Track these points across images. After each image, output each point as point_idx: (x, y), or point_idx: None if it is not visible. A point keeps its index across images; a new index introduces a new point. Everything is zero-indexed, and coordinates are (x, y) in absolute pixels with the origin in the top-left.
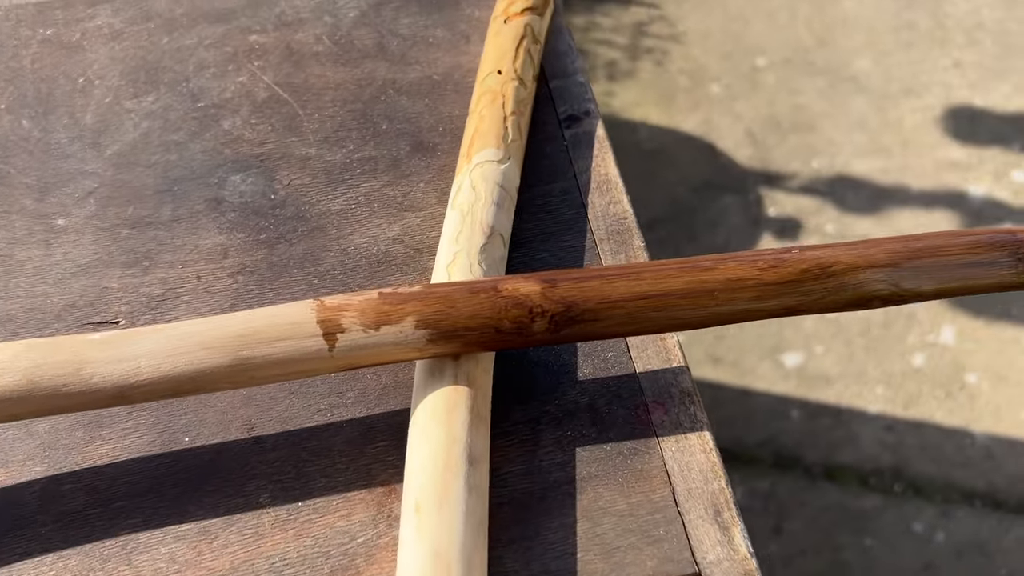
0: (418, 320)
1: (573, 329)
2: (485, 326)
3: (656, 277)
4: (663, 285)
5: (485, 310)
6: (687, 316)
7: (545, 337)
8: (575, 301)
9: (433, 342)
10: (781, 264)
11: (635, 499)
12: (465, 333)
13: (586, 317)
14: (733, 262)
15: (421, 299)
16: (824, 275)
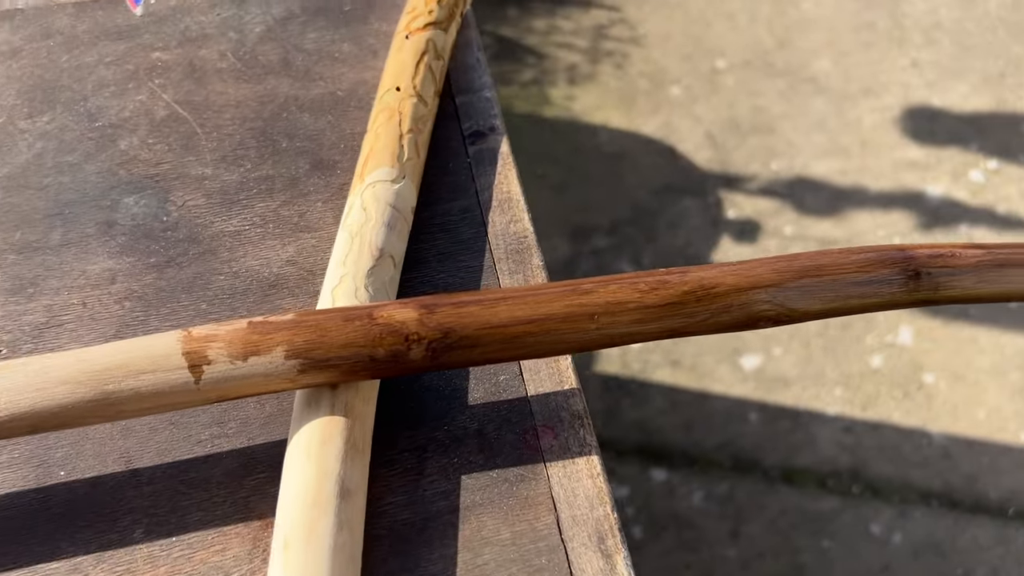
0: (288, 350)
1: (452, 356)
2: (359, 355)
3: (536, 301)
4: (543, 309)
5: (359, 338)
6: (568, 340)
7: (423, 365)
8: (453, 327)
9: (304, 372)
10: (663, 286)
11: (519, 527)
12: (338, 362)
13: (465, 343)
14: (615, 285)
15: (291, 328)
16: (707, 296)
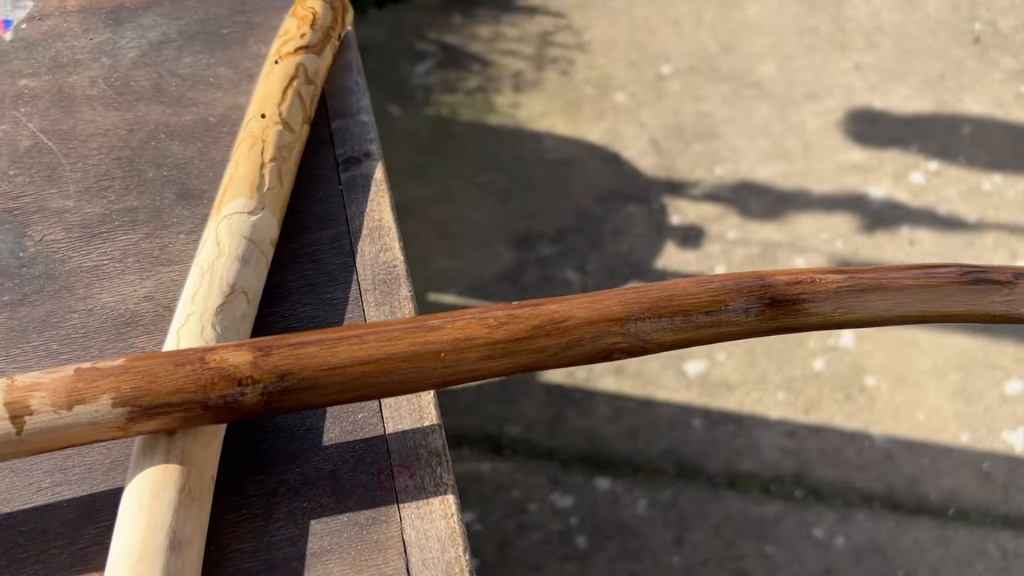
0: (115, 398)
1: (290, 400)
2: (190, 401)
3: (379, 340)
4: (387, 348)
5: (189, 384)
6: (413, 379)
7: (259, 410)
8: (290, 370)
9: (134, 420)
10: (512, 321)
11: (367, 573)
12: (168, 410)
13: (302, 386)
14: (462, 320)
15: (119, 374)
16: (557, 331)
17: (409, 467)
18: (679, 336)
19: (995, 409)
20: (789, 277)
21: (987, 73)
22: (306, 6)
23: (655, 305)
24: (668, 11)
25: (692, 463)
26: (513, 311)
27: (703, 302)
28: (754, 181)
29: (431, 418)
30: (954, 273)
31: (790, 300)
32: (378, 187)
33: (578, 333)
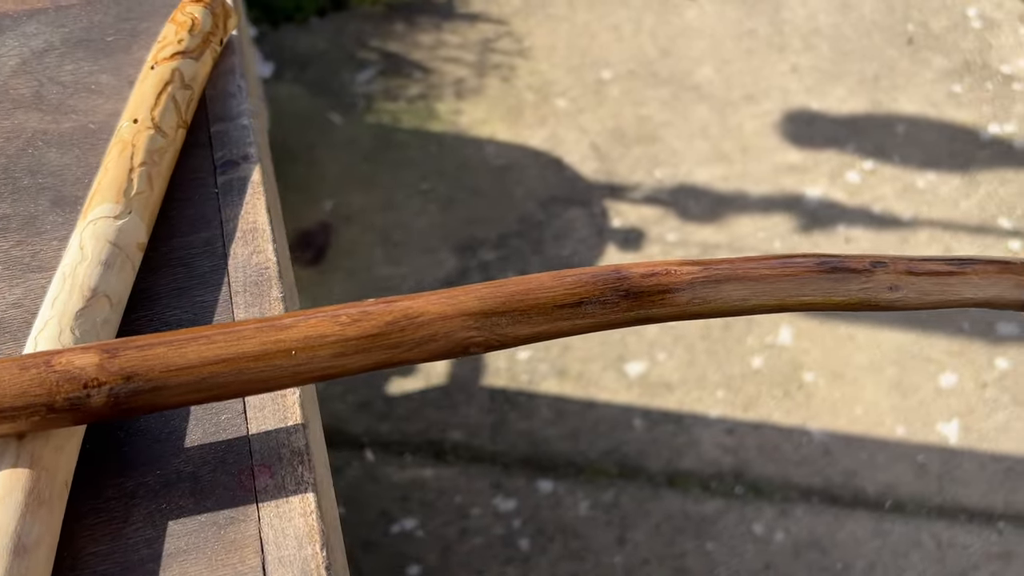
0: None
1: (138, 401)
2: (34, 404)
3: (228, 340)
4: (235, 348)
5: (34, 387)
6: (264, 378)
7: (108, 412)
8: (137, 371)
9: None
10: (364, 318)
11: (222, 572)
12: (13, 413)
13: (150, 387)
14: (315, 318)
15: None
16: (411, 326)
17: (270, 467)
18: (536, 329)
19: (930, 402)
20: (645, 269)
21: (920, 73)
22: (185, 12)
23: (511, 299)
24: (608, 17)
25: (633, 463)
26: (366, 308)
27: (559, 295)
28: (693, 183)
29: (295, 418)
30: (811, 262)
31: (646, 292)
32: (254, 189)
33: (432, 328)
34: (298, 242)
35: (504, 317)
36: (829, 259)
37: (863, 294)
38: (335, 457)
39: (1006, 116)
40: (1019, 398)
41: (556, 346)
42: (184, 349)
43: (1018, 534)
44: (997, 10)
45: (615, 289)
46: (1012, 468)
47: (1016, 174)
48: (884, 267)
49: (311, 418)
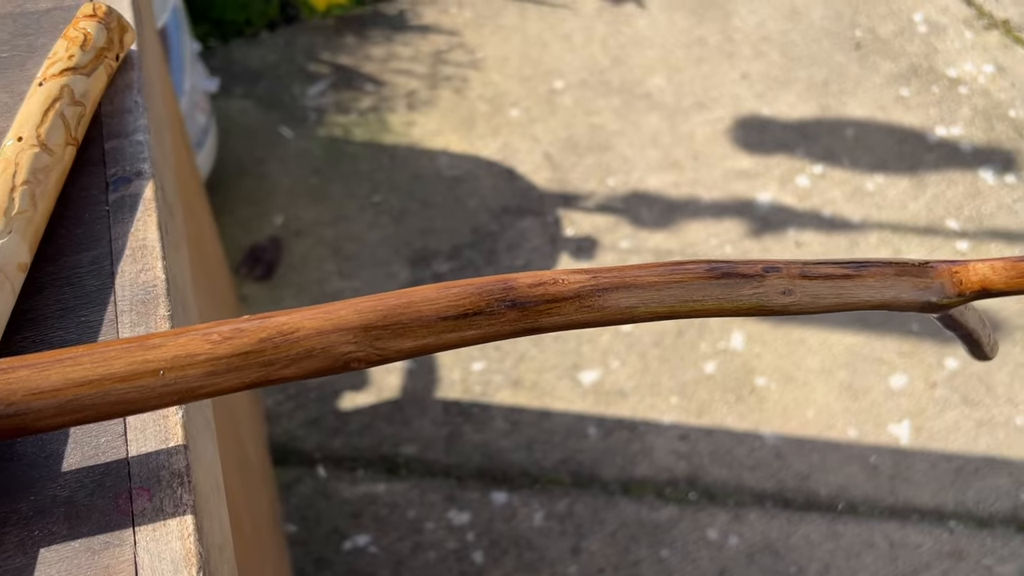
0: None
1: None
2: None
3: (94, 361)
4: (102, 369)
5: None
6: (132, 399)
7: None
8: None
9: None
10: (237, 335)
11: None
12: None
13: (13, 411)
14: (186, 336)
15: None
16: (285, 343)
17: (149, 489)
18: (419, 342)
19: (881, 403)
20: (532, 280)
21: (868, 78)
22: (78, 27)
23: (391, 312)
24: (560, 27)
25: (588, 471)
26: (240, 325)
27: (443, 307)
28: (645, 191)
29: (177, 438)
30: (701, 269)
31: (532, 302)
32: (146, 206)
33: (308, 344)
34: (248, 257)
35: (385, 331)
36: (720, 265)
37: (755, 299)
38: (286, 474)
39: (952, 119)
40: (969, 397)
41: (510, 356)
42: (48, 371)
43: (968, 532)
44: (942, 15)
45: (501, 300)
46: (962, 467)
47: (963, 176)
48: (777, 272)
49: (197, 438)
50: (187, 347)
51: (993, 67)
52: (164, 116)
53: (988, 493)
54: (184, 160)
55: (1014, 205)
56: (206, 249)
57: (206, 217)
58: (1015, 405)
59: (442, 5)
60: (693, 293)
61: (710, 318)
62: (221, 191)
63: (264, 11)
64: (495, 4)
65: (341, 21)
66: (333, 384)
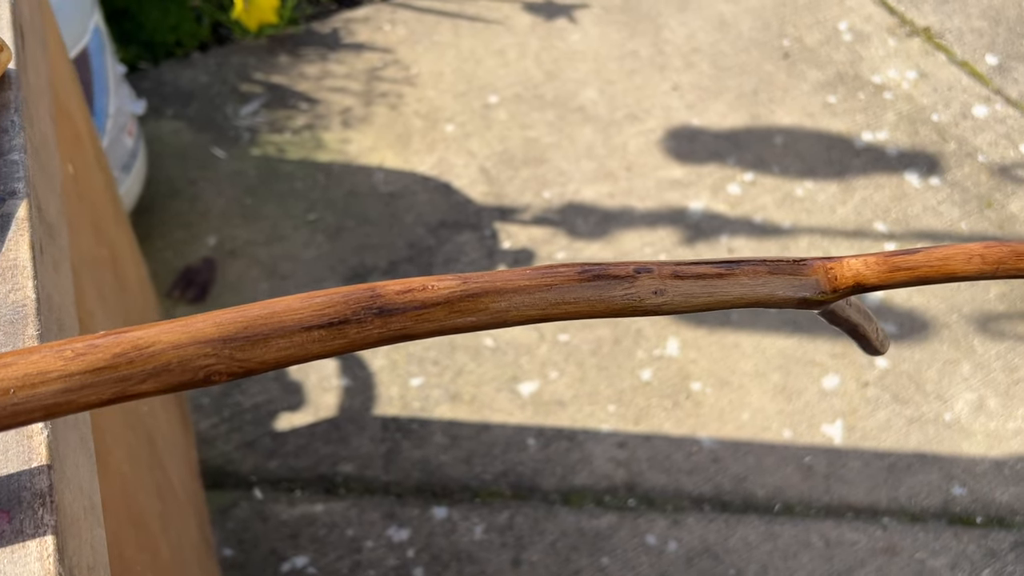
0: None
1: None
2: None
3: None
4: None
5: None
6: None
7: None
8: None
9: None
10: (91, 351)
11: None
12: None
13: None
14: (39, 354)
15: None
16: (141, 357)
17: (8, 511)
18: (283, 353)
19: (814, 404)
20: (401, 287)
21: (796, 86)
22: None
23: (253, 323)
24: (493, 42)
25: (528, 483)
26: (95, 340)
27: (306, 317)
28: (581, 202)
29: (40, 458)
30: (572, 271)
31: (400, 309)
32: (19, 225)
33: (165, 358)
34: (180, 279)
35: (246, 342)
36: (592, 267)
37: (627, 299)
38: (222, 498)
39: (878, 124)
40: (899, 396)
41: (449, 371)
42: None
43: (902, 528)
44: (866, 23)
45: (368, 308)
46: (894, 464)
47: (889, 179)
48: (649, 273)
49: (67, 457)
50: (39, 364)
51: (916, 73)
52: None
53: (920, 489)
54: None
55: (939, 206)
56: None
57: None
58: (944, 401)
59: (376, 23)
60: (565, 295)
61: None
62: (152, 214)
63: (195, 32)
64: (429, 21)
65: (274, 41)
66: (269, 405)
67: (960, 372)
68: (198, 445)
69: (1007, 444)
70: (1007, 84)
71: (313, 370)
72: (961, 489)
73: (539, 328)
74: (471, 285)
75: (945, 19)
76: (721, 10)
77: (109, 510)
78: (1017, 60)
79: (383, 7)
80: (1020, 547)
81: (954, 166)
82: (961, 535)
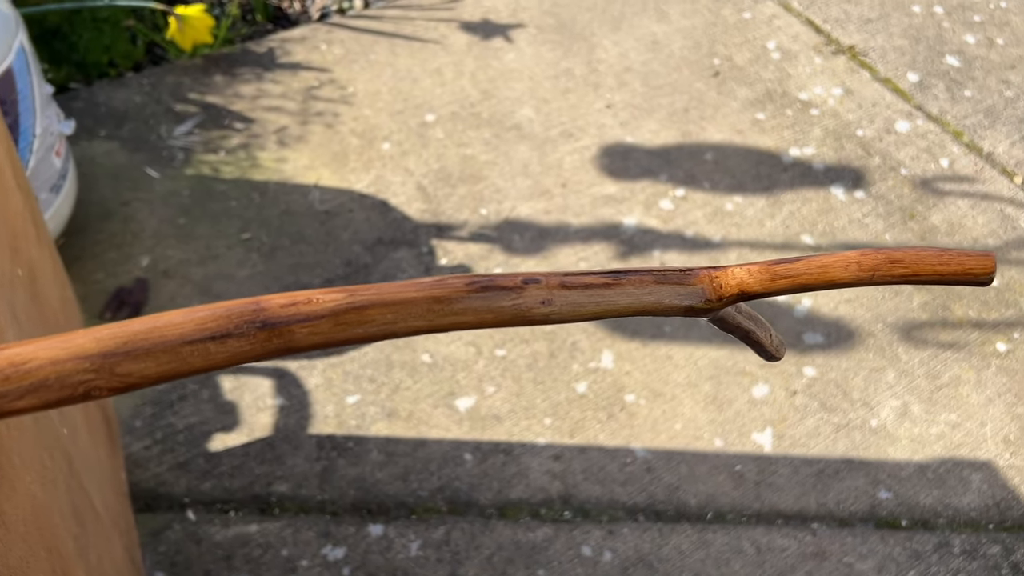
0: None
1: None
2: None
3: None
4: None
5: None
6: None
7: None
8: None
9: None
10: None
11: None
12: None
13: None
14: None
15: None
16: (17, 374)
17: None
18: (164, 368)
19: (745, 413)
20: (285, 300)
21: (726, 103)
22: None
23: (133, 338)
24: (430, 62)
25: (464, 497)
26: None
27: (188, 331)
28: (517, 219)
29: None
30: (461, 283)
31: (284, 322)
32: None
33: (43, 374)
34: (112, 300)
35: (126, 357)
36: (480, 279)
37: (515, 310)
38: (154, 521)
39: (805, 140)
40: (827, 403)
41: (385, 388)
42: None
43: (830, 533)
44: (794, 42)
45: (251, 321)
46: (823, 470)
47: (816, 193)
48: (537, 283)
49: None
50: None
51: (841, 90)
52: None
53: (847, 494)
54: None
55: (864, 219)
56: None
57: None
58: (870, 408)
59: (312, 43)
60: (454, 306)
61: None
62: (84, 235)
63: (129, 52)
64: (365, 41)
65: (209, 60)
66: (203, 426)
67: (885, 379)
68: (129, 467)
69: (930, 448)
70: (927, 100)
71: (248, 390)
72: (887, 493)
73: (476, 343)
74: (357, 298)
75: (869, 38)
76: (653, 30)
77: (17, 533)
78: (936, 77)
79: (319, 27)
80: (943, 548)
81: (878, 180)
82: (887, 538)
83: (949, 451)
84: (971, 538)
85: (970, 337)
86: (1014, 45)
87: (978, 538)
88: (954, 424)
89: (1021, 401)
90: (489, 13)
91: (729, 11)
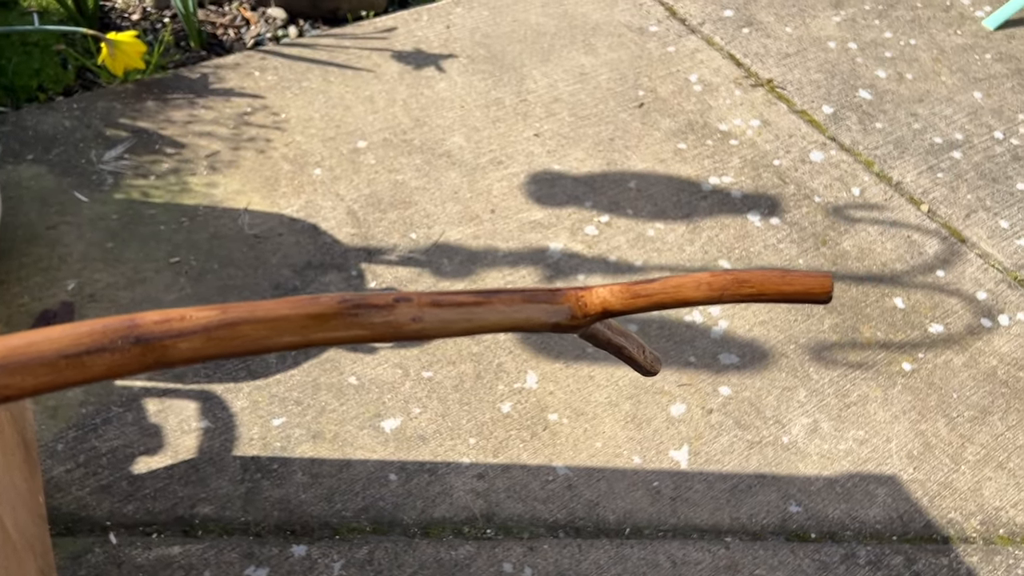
0: None
1: None
2: None
3: None
4: None
5: None
6: None
7: None
8: None
9: None
10: None
11: None
12: None
13: None
14: None
15: None
16: None
17: None
18: (41, 380)
19: (663, 431)
20: (159, 317)
21: (650, 133)
22: None
23: (11, 353)
24: (362, 89)
25: (388, 517)
26: None
27: (65, 346)
28: (446, 243)
29: None
30: (334, 301)
31: (157, 338)
32: None
33: None
34: (37, 324)
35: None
36: (352, 297)
37: (387, 327)
38: (75, 544)
39: (724, 169)
40: (741, 421)
41: (311, 410)
42: None
43: (743, 546)
44: (715, 75)
45: (126, 337)
46: (736, 485)
47: (734, 219)
48: (408, 302)
49: None
50: None
51: (759, 121)
52: None
53: (759, 508)
54: None
55: (778, 245)
56: None
57: None
58: (782, 426)
59: (245, 69)
60: (327, 323)
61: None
62: (10, 258)
63: (59, 77)
64: (299, 68)
65: (141, 85)
66: (126, 449)
67: (797, 398)
68: (51, 491)
69: (839, 464)
70: (841, 132)
71: (172, 412)
72: (797, 507)
73: (403, 365)
74: (229, 315)
75: (787, 72)
76: (581, 62)
77: None
78: (849, 110)
79: (253, 54)
80: (849, 559)
81: (793, 207)
82: (797, 550)
83: (856, 466)
84: (876, 549)
85: (878, 357)
86: (922, 80)
87: (882, 549)
88: (862, 440)
89: (925, 418)
90: (421, 43)
91: (654, 45)
